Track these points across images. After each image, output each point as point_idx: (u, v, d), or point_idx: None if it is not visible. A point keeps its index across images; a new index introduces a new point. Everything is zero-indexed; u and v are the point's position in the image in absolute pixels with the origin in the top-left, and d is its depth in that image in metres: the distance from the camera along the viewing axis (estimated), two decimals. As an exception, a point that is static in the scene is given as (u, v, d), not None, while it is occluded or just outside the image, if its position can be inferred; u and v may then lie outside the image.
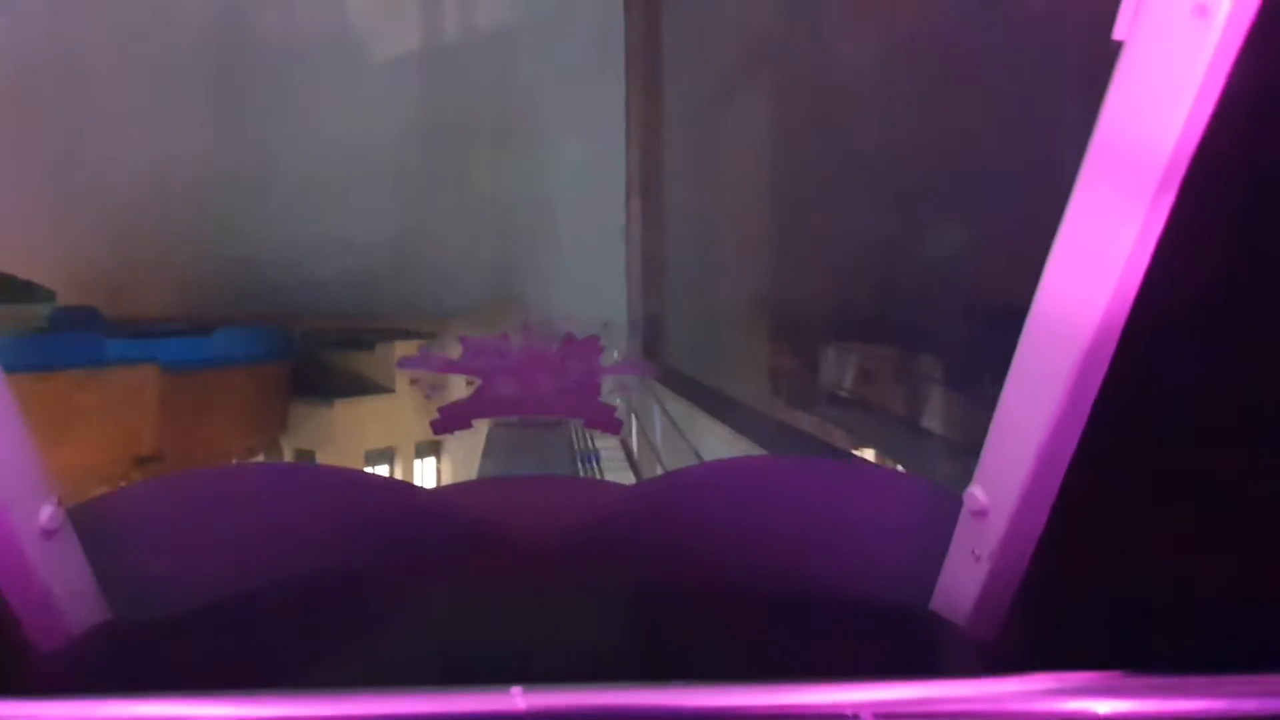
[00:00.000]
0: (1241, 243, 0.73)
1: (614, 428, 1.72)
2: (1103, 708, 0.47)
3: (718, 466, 1.70)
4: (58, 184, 3.74)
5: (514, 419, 1.82)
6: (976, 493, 0.78)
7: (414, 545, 1.09)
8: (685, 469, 2.63)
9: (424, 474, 4.77)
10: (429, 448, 4.63)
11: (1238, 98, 0.59)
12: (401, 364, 3.47)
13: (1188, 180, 0.61)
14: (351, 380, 4.18)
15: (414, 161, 4.00)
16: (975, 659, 0.79)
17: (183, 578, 0.90)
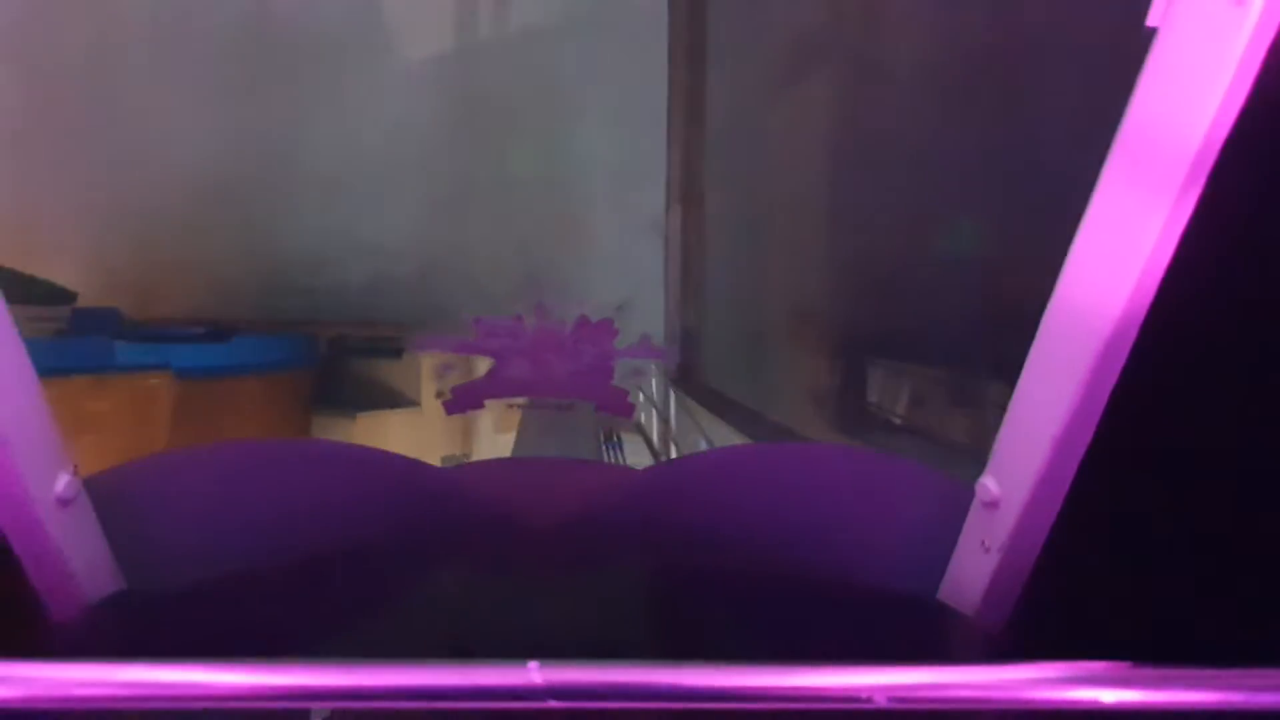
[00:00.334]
0: (1266, 238, 0.73)
1: (626, 411, 1.72)
2: (1109, 697, 0.47)
3: (730, 452, 1.70)
4: (85, 185, 3.71)
5: (525, 401, 1.81)
6: (988, 484, 0.78)
7: (424, 521, 1.10)
8: (697, 454, 2.63)
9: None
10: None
11: (1270, 90, 0.59)
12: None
13: (1215, 173, 0.60)
14: (376, 391, 4.07)
15: (446, 163, 3.93)
16: (982, 650, 0.79)
17: (197, 549, 0.90)
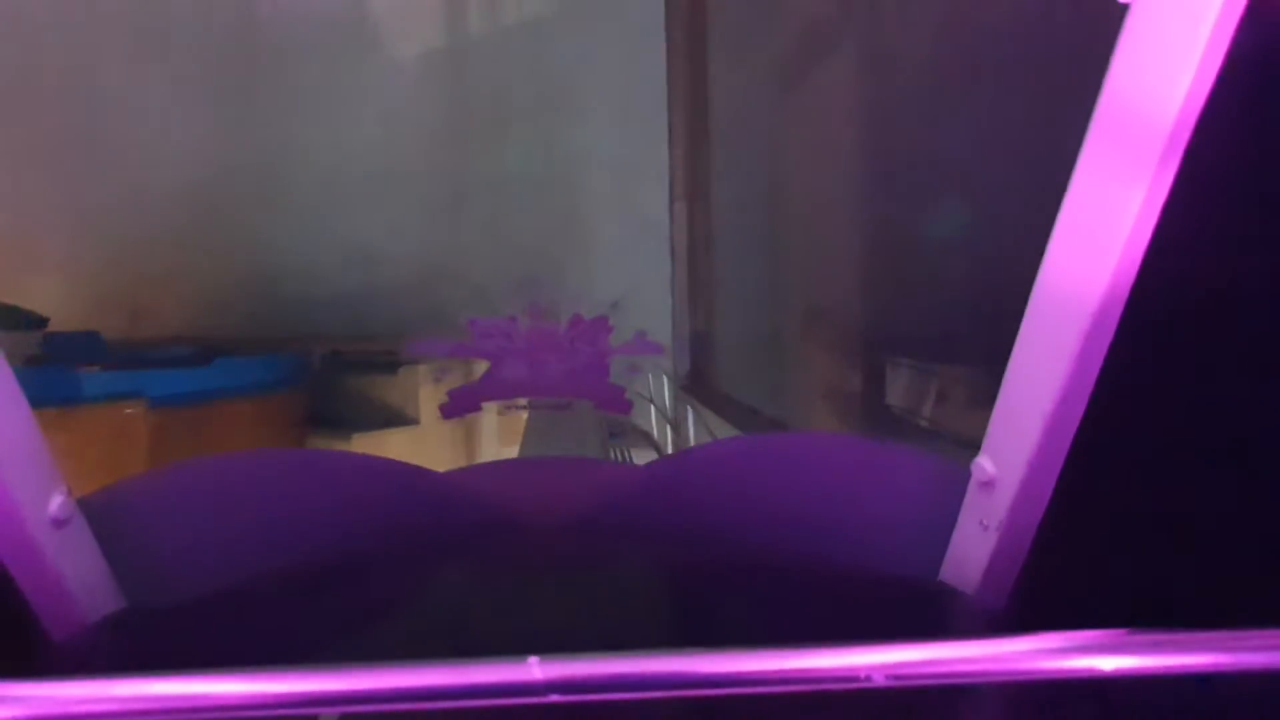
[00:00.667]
0: (1245, 213, 0.73)
1: (624, 408, 1.72)
2: (1108, 664, 0.47)
3: (729, 444, 1.71)
4: (68, 196, 3.57)
5: (522, 401, 1.81)
6: (984, 463, 0.78)
7: (425, 527, 1.10)
8: (697, 447, 2.63)
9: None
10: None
11: (1241, 65, 0.59)
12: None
13: (1191, 149, 0.61)
14: (372, 409, 3.75)
15: (441, 163, 3.71)
16: (985, 628, 0.79)
17: (197, 564, 0.90)
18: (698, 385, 3.70)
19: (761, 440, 1.67)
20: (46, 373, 2.90)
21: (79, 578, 0.78)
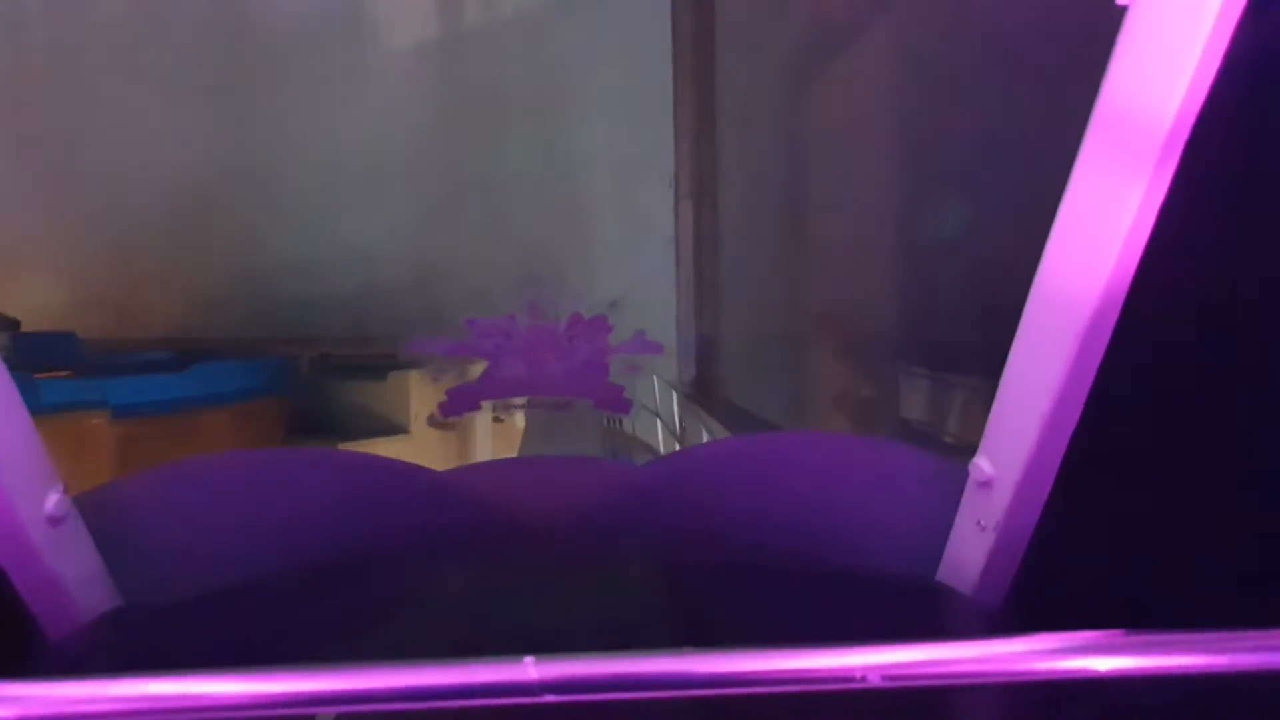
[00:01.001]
0: (1243, 211, 0.73)
1: (623, 407, 1.72)
2: (1104, 665, 0.47)
3: (728, 444, 1.71)
4: (57, 195, 3.50)
5: (523, 401, 1.81)
6: (982, 464, 0.78)
7: (425, 526, 1.10)
8: (695, 446, 2.62)
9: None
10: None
11: (1239, 66, 0.59)
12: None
13: (1189, 149, 0.61)
14: (361, 417, 3.55)
15: (439, 160, 3.62)
16: (982, 628, 0.79)
17: (194, 563, 0.90)
18: (703, 394, 3.58)
19: (759, 440, 1.67)
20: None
21: (75, 576, 0.78)
